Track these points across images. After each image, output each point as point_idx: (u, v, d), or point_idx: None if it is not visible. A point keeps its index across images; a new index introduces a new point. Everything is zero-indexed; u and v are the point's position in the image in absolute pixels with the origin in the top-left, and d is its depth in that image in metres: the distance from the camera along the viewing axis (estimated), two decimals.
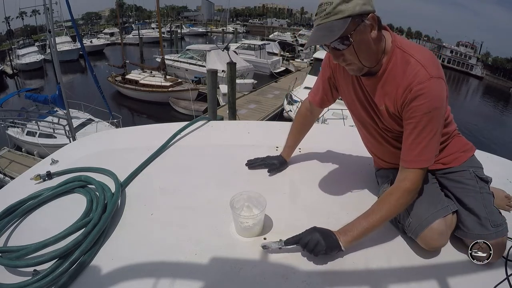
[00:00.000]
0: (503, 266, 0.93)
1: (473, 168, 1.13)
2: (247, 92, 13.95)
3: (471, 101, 28.09)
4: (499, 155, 1.63)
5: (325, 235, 0.96)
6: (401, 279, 0.91)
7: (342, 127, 3.81)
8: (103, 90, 9.97)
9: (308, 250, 0.95)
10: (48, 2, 7.72)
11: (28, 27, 48.09)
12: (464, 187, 1.09)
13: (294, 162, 1.48)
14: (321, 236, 0.95)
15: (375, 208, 1.00)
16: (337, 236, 0.96)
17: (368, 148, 1.32)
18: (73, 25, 12.09)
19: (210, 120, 1.92)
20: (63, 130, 7.75)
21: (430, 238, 0.97)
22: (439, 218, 0.99)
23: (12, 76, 22.75)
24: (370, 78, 1.05)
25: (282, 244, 0.97)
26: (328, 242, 0.94)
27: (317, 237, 0.95)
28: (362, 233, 0.97)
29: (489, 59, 49.46)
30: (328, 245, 0.94)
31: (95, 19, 77.79)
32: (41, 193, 1.20)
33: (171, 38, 29.69)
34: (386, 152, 1.20)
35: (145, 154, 1.49)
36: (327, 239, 0.95)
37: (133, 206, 1.19)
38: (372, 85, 1.06)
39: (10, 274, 0.91)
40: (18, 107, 10.49)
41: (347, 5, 0.89)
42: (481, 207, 1.02)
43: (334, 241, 0.95)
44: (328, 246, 0.94)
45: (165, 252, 0.98)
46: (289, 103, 9.90)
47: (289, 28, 63.32)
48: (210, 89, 7.69)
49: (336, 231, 0.98)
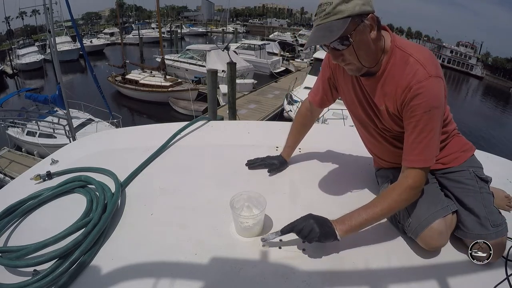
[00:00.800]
0: (503, 266, 0.93)
1: (473, 168, 1.13)
2: (247, 92, 13.95)
3: (471, 101, 28.10)
4: (499, 155, 1.63)
5: (320, 222, 0.96)
6: (401, 279, 0.91)
7: (342, 127, 3.81)
8: (103, 90, 9.98)
9: (302, 236, 0.95)
10: (48, 2, 7.73)
11: (28, 27, 48.15)
12: (464, 187, 1.09)
13: (294, 162, 1.48)
14: (315, 223, 0.95)
15: (376, 201, 1.00)
16: (333, 225, 0.96)
17: (368, 148, 1.32)
18: (73, 25, 12.09)
19: (210, 120, 1.92)
20: (63, 130, 7.76)
21: (430, 238, 0.97)
22: (439, 218, 0.99)
23: (12, 76, 22.75)
24: (370, 78, 1.05)
25: (279, 233, 0.98)
26: (322, 229, 0.94)
27: (311, 223, 0.95)
28: (361, 224, 0.97)
29: (489, 59, 49.51)
30: (323, 232, 0.94)
31: (95, 19, 77.79)
32: (41, 193, 1.20)
33: (171, 38, 29.70)
34: (386, 151, 1.20)
35: (145, 154, 1.49)
36: (321, 226, 0.95)
37: (133, 206, 1.19)
38: (372, 85, 1.06)
39: (10, 274, 0.91)
40: (18, 107, 10.49)
41: (347, 5, 0.89)
42: (481, 207, 1.02)
43: (329, 229, 0.95)
44: (322, 233, 0.94)
45: (165, 252, 0.98)
46: (289, 103, 9.91)
47: (289, 28, 63.34)
48: (210, 89, 7.69)
49: (333, 220, 0.98)
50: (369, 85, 1.07)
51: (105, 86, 13.29)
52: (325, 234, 0.94)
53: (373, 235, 1.05)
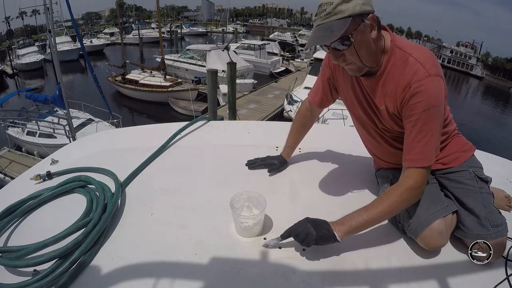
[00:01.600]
0: (503, 266, 0.93)
1: (473, 168, 1.13)
2: (247, 92, 13.95)
3: (471, 101, 28.09)
4: (499, 155, 1.63)
5: (317, 225, 0.95)
6: (401, 279, 0.91)
7: (342, 127, 3.81)
8: (103, 90, 9.97)
9: (299, 241, 0.95)
10: (48, 2, 7.73)
11: (28, 27, 48.10)
12: (464, 187, 1.09)
13: (294, 162, 1.48)
14: (312, 227, 0.94)
15: (377, 201, 1.00)
16: (332, 227, 0.96)
17: (368, 148, 1.32)
18: (73, 25, 12.09)
19: (210, 120, 1.93)
20: (63, 130, 7.75)
21: (430, 238, 0.97)
22: (439, 218, 0.99)
23: (12, 76, 22.74)
24: (369, 78, 1.05)
25: (280, 239, 0.98)
26: (319, 232, 0.94)
27: (307, 227, 0.94)
28: (361, 224, 0.96)
29: (489, 59, 49.50)
30: (319, 235, 0.93)
31: (95, 19, 77.79)
32: (41, 193, 1.20)
33: (171, 38, 29.70)
34: (385, 152, 1.20)
35: (145, 154, 1.49)
36: (318, 229, 0.94)
37: (133, 206, 1.19)
38: (372, 85, 1.06)
39: (10, 274, 0.91)
40: (18, 107, 10.50)
41: (347, 5, 0.89)
42: (481, 207, 1.02)
43: (327, 231, 0.94)
44: (319, 236, 0.93)
45: (165, 252, 0.98)
46: (289, 103, 9.91)
47: (289, 28, 63.34)
48: (210, 89, 7.69)
49: (332, 221, 0.97)
50: (369, 85, 1.07)
51: (105, 86, 13.29)
52: (322, 237, 0.94)
53: (373, 235, 1.05)
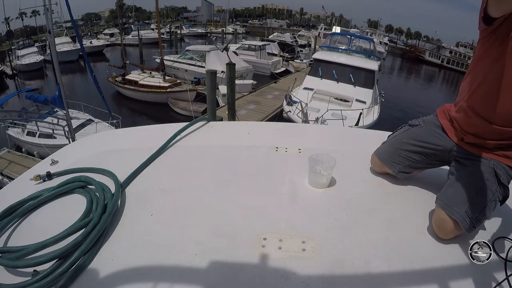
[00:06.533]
0: (503, 266, 0.93)
1: (501, 169, 1.03)
2: (247, 93, 13.95)
3: None
4: None
5: None
6: (401, 279, 0.91)
7: (342, 127, 3.81)
8: (102, 91, 9.97)
9: None
10: (48, 3, 7.70)
11: (28, 27, 47.99)
12: (471, 172, 1.05)
13: (294, 162, 1.49)
14: None
15: None
16: None
17: (491, 105, 1.00)
18: (73, 25, 12.09)
19: (209, 121, 1.92)
20: (63, 130, 7.75)
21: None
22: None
23: (12, 76, 22.69)
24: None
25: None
26: None
27: None
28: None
29: None
30: None
31: (95, 20, 77.78)
32: (41, 194, 1.20)
33: (171, 39, 29.69)
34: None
35: (145, 155, 1.49)
36: None
37: (133, 207, 1.19)
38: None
39: (10, 274, 0.91)
40: (18, 107, 10.50)
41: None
42: (472, 190, 1.00)
43: None
44: None
45: (165, 253, 0.98)
46: (288, 103, 9.88)
47: (289, 28, 63.40)
48: (209, 89, 7.70)
49: None
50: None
51: (105, 86, 13.27)
52: None
53: (373, 235, 1.05)
